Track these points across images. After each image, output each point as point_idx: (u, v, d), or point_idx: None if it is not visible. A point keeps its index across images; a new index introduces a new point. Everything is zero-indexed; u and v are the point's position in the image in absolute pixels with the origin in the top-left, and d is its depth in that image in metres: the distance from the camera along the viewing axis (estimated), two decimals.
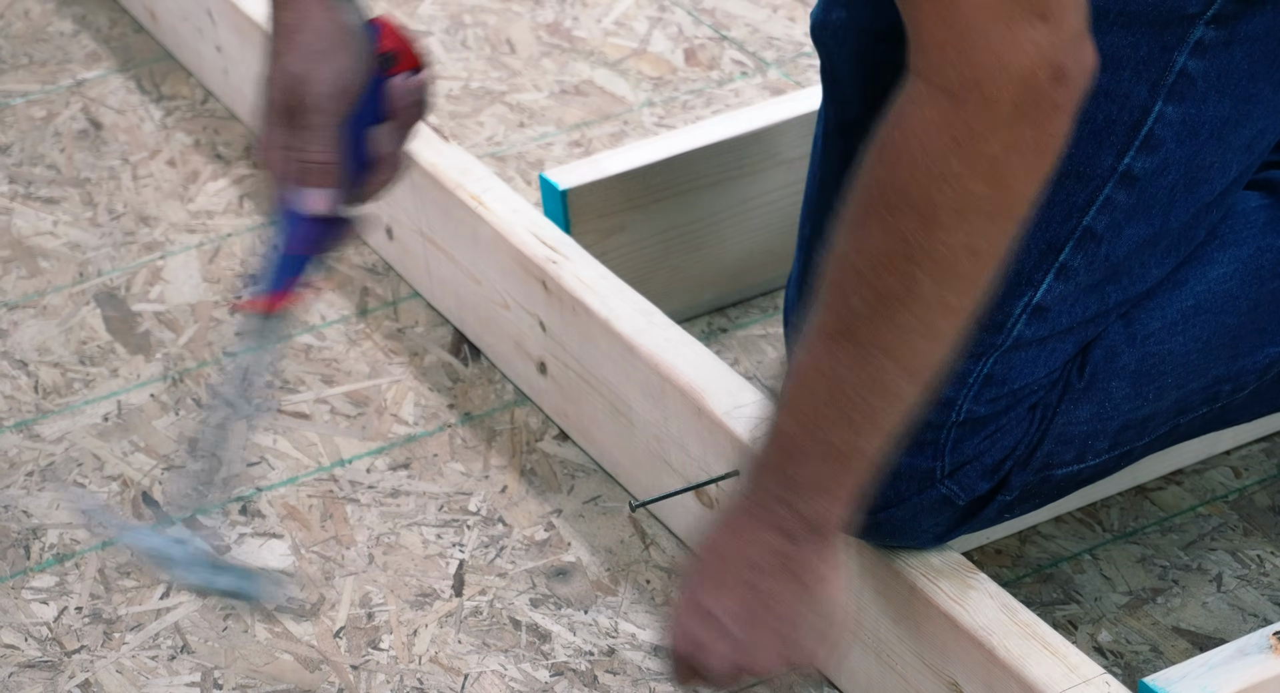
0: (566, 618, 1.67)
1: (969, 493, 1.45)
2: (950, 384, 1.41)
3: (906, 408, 1.29)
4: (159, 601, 1.71)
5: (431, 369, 1.95)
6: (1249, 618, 1.61)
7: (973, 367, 1.42)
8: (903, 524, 1.45)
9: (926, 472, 1.44)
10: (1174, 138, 1.41)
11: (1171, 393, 1.48)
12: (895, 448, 1.40)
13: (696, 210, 1.94)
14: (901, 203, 1.23)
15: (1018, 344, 1.43)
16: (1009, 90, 1.18)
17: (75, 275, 2.12)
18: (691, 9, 2.50)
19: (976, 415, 1.43)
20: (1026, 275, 1.42)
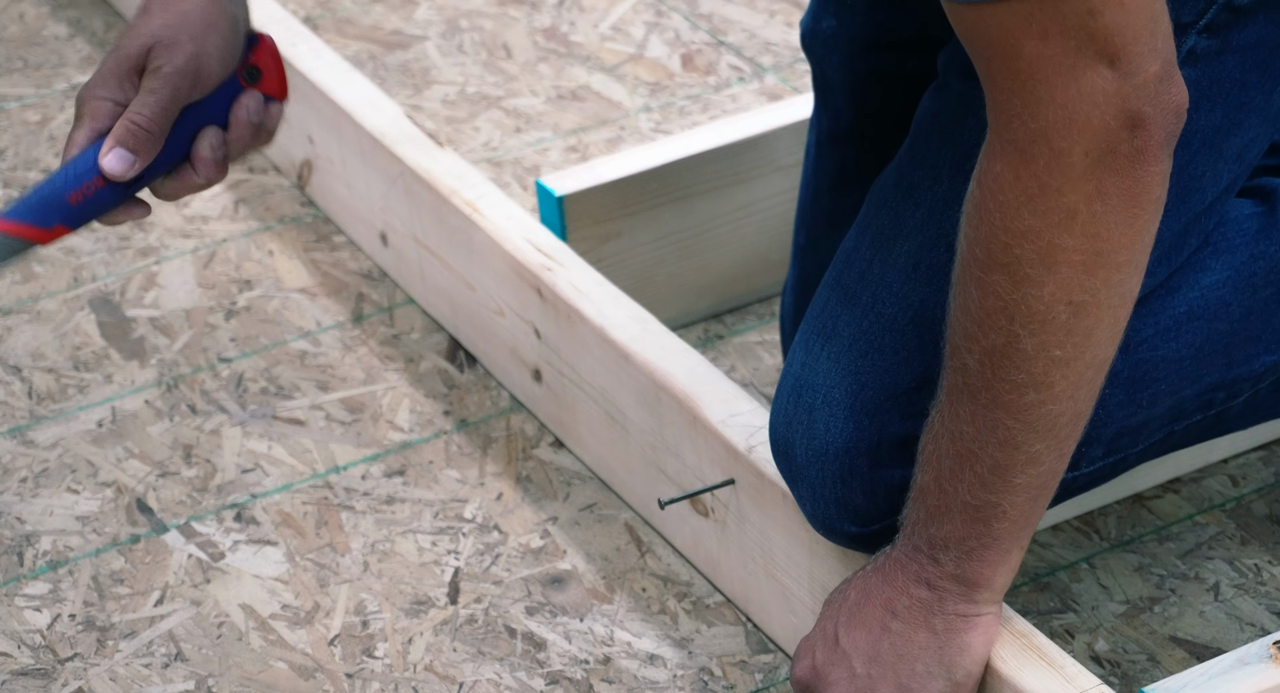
0: (562, 626, 1.66)
1: None
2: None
3: (1043, 466, 1.29)
4: (153, 608, 1.70)
5: (427, 376, 1.95)
6: (1246, 627, 1.60)
7: None
8: (890, 536, 1.44)
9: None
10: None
11: (1165, 400, 1.48)
12: (888, 462, 1.40)
13: (693, 216, 1.93)
14: (989, 260, 1.24)
15: None
16: (1080, 142, 1.18)
17: (70, 280, 2.12)
18: (689, 14, 2.50)
19: None
20: None
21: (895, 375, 1.41)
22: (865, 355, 1.42)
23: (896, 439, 1.41)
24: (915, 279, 1.42)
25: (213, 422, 1.91)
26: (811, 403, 1.43)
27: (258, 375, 1.96)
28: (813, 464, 1.43)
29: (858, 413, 1.41)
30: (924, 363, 1.40)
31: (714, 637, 1.64)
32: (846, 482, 1.42)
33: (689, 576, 1.70)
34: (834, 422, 1.42)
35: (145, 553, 1.76)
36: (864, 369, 1.42)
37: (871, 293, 1.44)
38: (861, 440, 1.41)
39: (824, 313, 1.47)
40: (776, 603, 1.60)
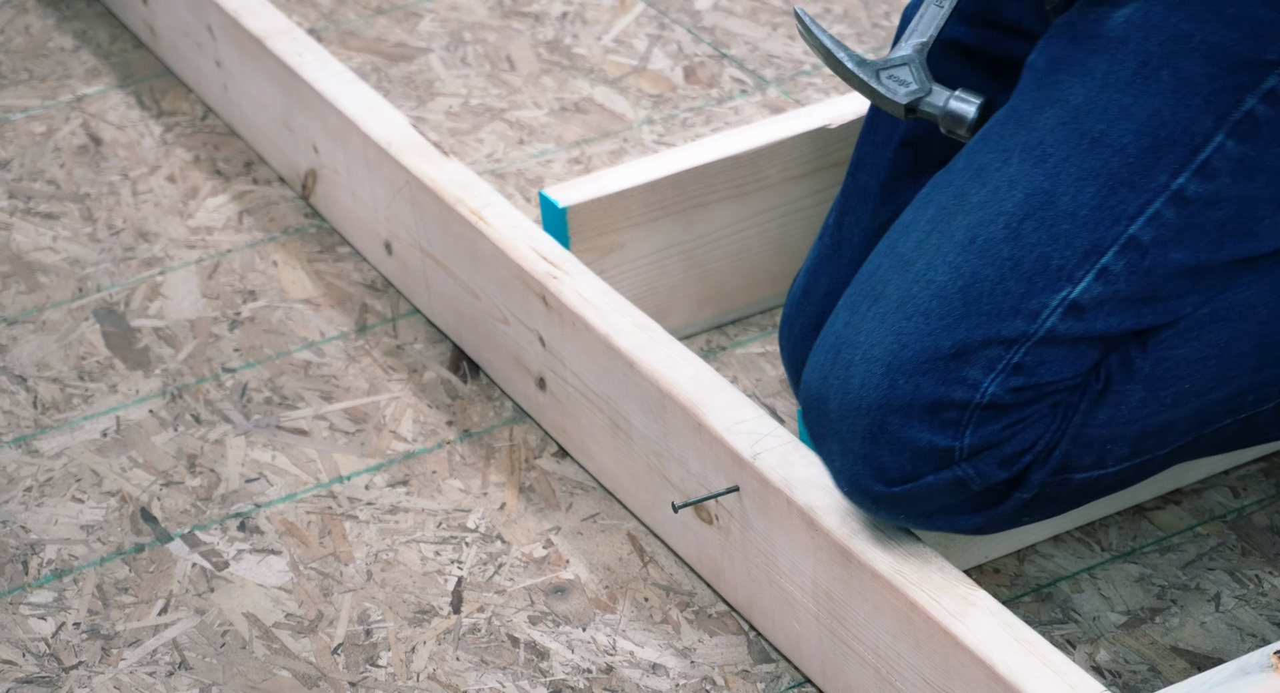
0: (565, 635, 1.66)
1: (984, 479, 1.46)
2: (979, 367, 1.43)
3: None
4: (157, 616, 1.71)
5: (430, 386, 1.95)
6: (1247, 638, 1.61)
7: (1003, 353, 1.44)
8: (915, 501, 1.46)
9: (945, 451, 1.45)
10: (1230, 172, 1.44)
11: (1191, 401, 1.49)
12: (918, 424, 1.41)
13: (695, 228, 1.94)
14: None
15: (1050, 338, 1.45)
16: None
17: (74, 291, 2.12)
18: (691, 27, 2.51)
19: (1001, 402, 1.45)
20: (1068, 272, 1.45)
21: (937, 340, 1.43)
22: (910, 318, 1.44)
23: (930, 402, 1.43)
24: (969, 251, 1.45)
25: (217, 431, 1.91)
26: (850, 359, 1.45)
27: (262, 385, 1.97)
28: (844, 418, 1.45)
29: (894, 371, 1.43)
30: (966, 331, 1.43)
31: (716, 646, 1.64)
32: (875, 438, 1.44)
33: (691, 585, 1.70)
34: (870, 378, 1.44)
35: (150, 562, 1.77)
36: (907, 331, 1.44)
37: (925, 260, 1.46)
38: (895, 398, 1.43)
39: (873, 277, 1.50)
40: (780, 610, 1.60)
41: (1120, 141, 1.45)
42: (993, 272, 1.43)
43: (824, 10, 2.51)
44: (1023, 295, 1.44)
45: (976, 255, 1.45)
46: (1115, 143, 1.45)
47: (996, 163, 1.48)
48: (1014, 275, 1.44)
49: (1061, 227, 1.45)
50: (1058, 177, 1.46)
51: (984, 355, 1.43)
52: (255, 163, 2.32)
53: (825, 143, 1.95)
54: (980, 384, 1.44)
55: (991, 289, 1.43)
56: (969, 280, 1.45)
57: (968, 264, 1.45)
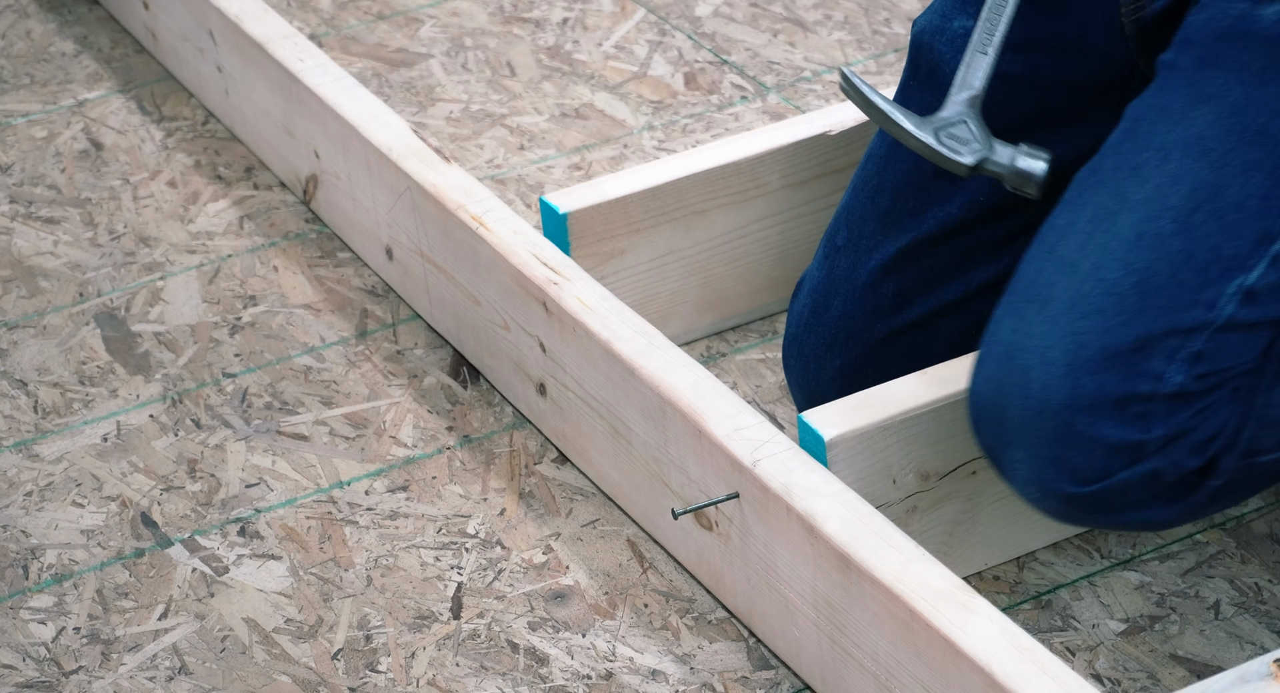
0: (564, 641, 1.67)
1: (1177, 469, 1.47)
2: (1160, 358, 1.44)
3: None
4: (157, 621, 1.71)
5: (430, 391, 1.96)
6: (1246, 646, 1.61)
7: (1184, 343, 1.45)
8: (1109, 499, 1.46)
9: (1136, 445, 1.45)
10: None
11: None
12: (1106, 420, 1.41)
13: (696, 235, 1.94)
14: None
15: (1229, 325, 1.46)
16: None
17: (75, 295, 2.13)
18: (692, 33, 2.51)
19: (1187, 390, 1.45)
20: (1240, 260, 1.46)
21: (1116, 335, 1.44)
22: (1085, 317, 1.45)
23: (1116, 398, 1.43)
24: (1140, 247, 1.46)
25: (217, 436, 1.91)
26: (1026, 364, 1.45)
27: (262, 391, 1.97)
28: (1028, 424, 1.45)
29: (1076, 371, 1.44)
30: (1145, 325, 1.44)
31: (716, 653, 1.65)
32: (1064, 440, 1.44)
33: (691, 591, 1.71)
34: (1051, 379, 1.44)
35: (149, 567, 1.77)
36: (1083, 330, 1.45)
37: (1092, 260, 1.47)
38: (1080, 397, 1.44)
39: (1036, 282, 1.50)
40: (779, 617, 1.60)
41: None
42: (1166, 265, 1.44)
43: (825, 17, 2.51)
44: (1198, 286, 1.45)
45: (1147, 250, 1.46)
46: (1278, 134, 1.47)
47: (1155, 160, 1.49)
48: (1187, 267, 1.45)
49: (1231, 217, 1.46)
50: (1222, 169, 1.47)
51: (1165, 346, 1.44)
52: (256, 168, 2.33)
53: (826, 149, 1.95)
54: (1164, 375, 1.44)
55: (1166, 282, 1.44)
56: (1142, 275, 1.45)
57: (1139, 260, 1.46)
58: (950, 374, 1.63)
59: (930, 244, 1.71)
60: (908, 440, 1.61)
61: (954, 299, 1.72)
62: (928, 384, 1.62)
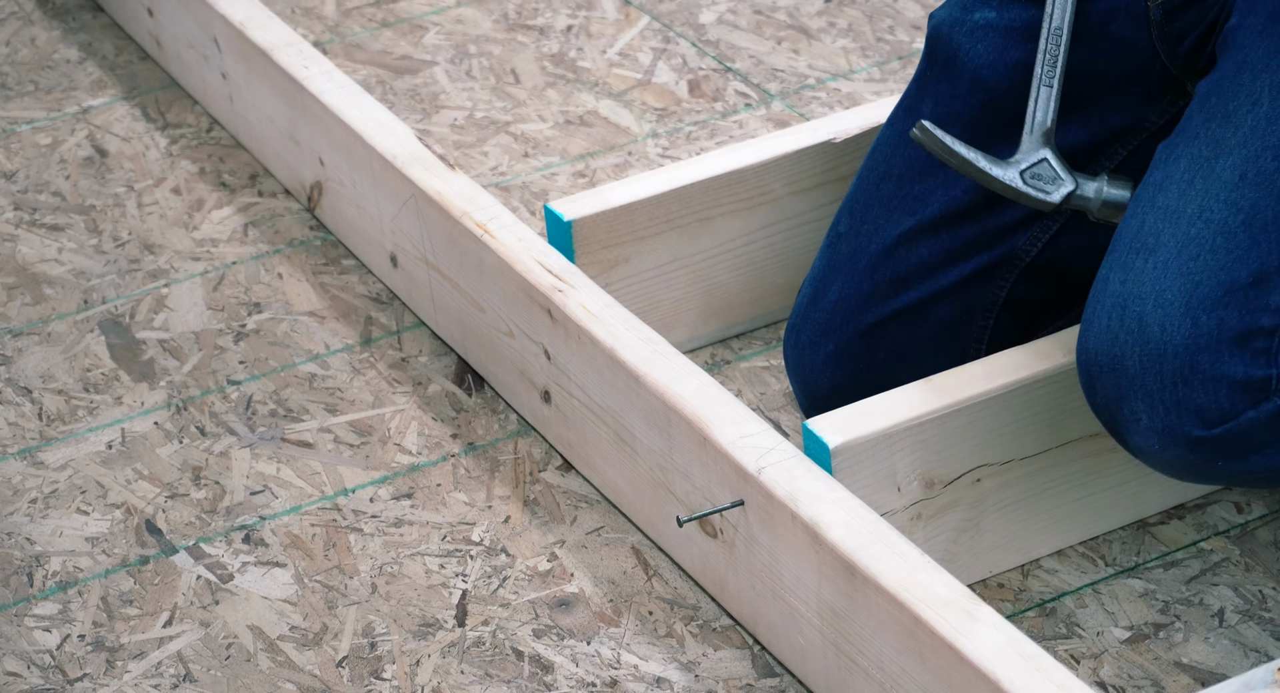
0: (569, 649, 1.67)
1: None
2: (1279, 291, 1.43)
3: None
4: (162, 629, 1.71)
5: (435, 399, 1.96)
6: (1250, 653, 1.61)
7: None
8: (1235, 440, 1.45)
9: (1261, 381, 1.44)
10: None
11: None
12: (1229, 358, 1.40)
13: (700, 242, 1.94)
14: None
15: None
16: None
17: (80, 302, 2.13)
18: (696, 41, 2.51)
19: None
20: None
21: (1231, 272, 1.43)
22: (1196, 258, 1.44)
23: (1237, 333, 1.42)
24: (1243, 186, 1.46)
25: (222, 444, 1.92)
26: (1141, 311, 1.44)
27: (266, 398, 1.97)
28: (1149, 370, 1.44)
29: (1194, 309, 1.43)
30: (1259, 259, 1.43)
31: (720, 660, 1.65)
32: (1188, 381, 1.43)
33: (696, 599, 1.71)
34: (1170, 321, 1.43)
35: (154, 574, 1.77)
36: (1196, 269, 1.44)
37: (1196, 205, 1.46)
38: (1201, 336, 1.42)
39: (1140, 234, 1.49)
40: (784, 624, 1.60)
41: None
42: (1272, 201, 1.44)
43: (828, 24, 2.51)
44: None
45: (1252, 188, 1.45)
46: None
47: (1246, 106, 1.49)
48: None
49: None
50: None
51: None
52: (261, 175, 2.33)
53: (830, 157, 1.96)
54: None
55: (1275, 216, 1.43)
56: (1250, 212, 1.44)
57: (1244, 198, 1.45)
58: (954, 382, 1.64)
59: (932, 229, 1.71)
60: (912, 448, 1.61)
61: (948, 284, 1.72)
62: (932, 392, 1.63)
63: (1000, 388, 1.63)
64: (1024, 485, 1.67)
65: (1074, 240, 1.72)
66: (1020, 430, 1.65)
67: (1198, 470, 1.48)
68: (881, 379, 1.73)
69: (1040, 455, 1.66)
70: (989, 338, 1.76)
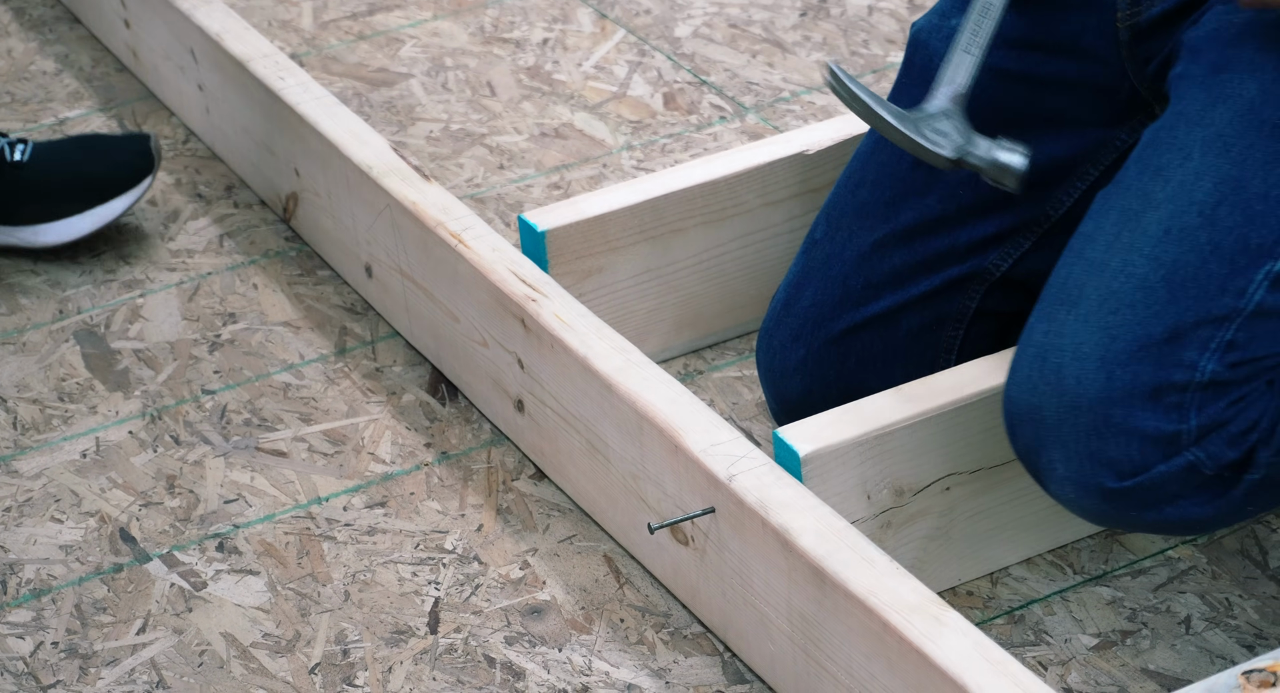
0: (541, 656, 1.67)
1: (1215, 461, 1.47)
2: (1193, 347, 1.45)
3: None
4: (135, 636, 1.71)
5: (409, 408, 1.96)
6: (1217, 660, 1.62)
7: (1216, 332, 1.46)
8: (1148, 493, 1.46)
9: (1173, 435, 1.46)
10: None
11: None
12: (1142, 412, 1.41)
13: (674, 253, 1.95)
14: None
15: (1260, 312, 1.46)
16: None
17: (55, 313, 2.13)
18: (671, 54, 2.52)
19: (1221, 379, 1.46)
20: (1268, 248, 1.47)
21: (1147, 327, 1.45)
22: (1115, 312, 1.46)
23: (1150, 388, 1.44)
24: (1167, 241, 1.48)
25: (196, 453, 1.92)
26: (1059, 362, 1.46)
27: (241, 407, 1.97)
28: (1065, 421, 1.45)
29: (1110, 363, 1.44)
30: (1177, 315, 1.44)
31: (691, 667, 1.65)
32: (1101, 433, 1.45)
33: (667, 606, 1.71)
34: (1085, 374, 1.45)
35: (128, 582, 1.77)
36: (1114, 324, 1.45)
37: (1121, 259, 1.48)
38: (1115, 389, 1.44)
39: (1065, 285, 1.51)
40: (754, 631, 1.61)
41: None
42: (1194, 257, 1.46)
43: (803, 38, 2.53)
44: (1227, 275, 1.46)
45: (1174, 244, 1.47)
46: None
47: (1177, 160, 1.51)
48: (1215, 258, 1.46)
49: (1256, 208, 1.47)
50: (1244, 163, 1.48)
51: (1197, 336, 1.45)
52: (236, 186, 2.34)
53: (803, 169, 1.97)
54: (1198, 364, 1.45)
55: (1195, 273, 1.45)
56: (1170, 268, 1.46)
57: (1167, 254, 1.47)
58: (924, 390, 1.65)
59: (905, 238, 1.72)
60: (882, 456, 1.62)
61: (920, 294, 1.73)
62: (902, 401, 1.64)
63: (970, 397, 1.64)
64: (993, 494, 1.68)
65: (1045, 257, 1.73)
66: (990, 439, 1.66)
67: (1113, 519, 1.51)
68: (851, 386, 1.75)
69: (1009, 464, 1.67)
70: (959, 348, 1.77)
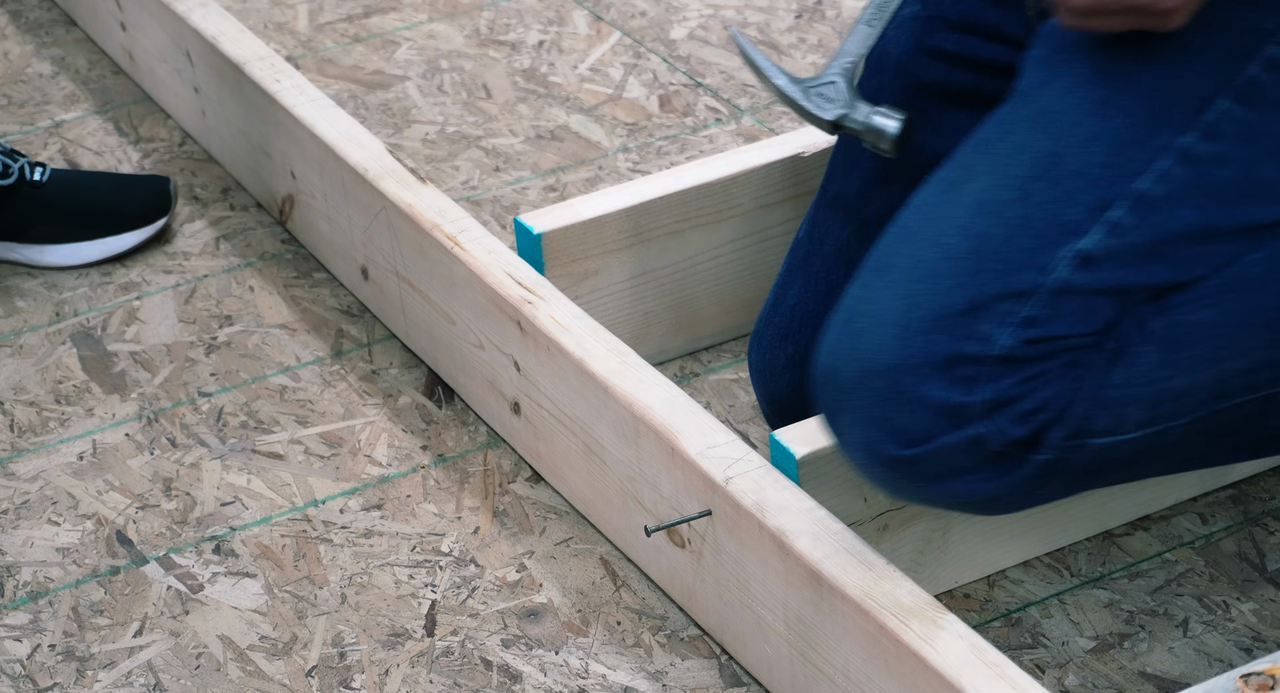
0: (537, 659, 1.67)
1: (1002, 437, 1.45)
2: (991, 320, 1.44)
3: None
4: (132, 639, 1.71)
5: (405, 411, 1.96)
6: (1214, 663, 1.62)
7: (1016, 307, 1.45)
8: (931, 463, 1.45)
9: (961, 407, 1.44)
10: (1235, 134, 1.47)
11: (1207, 367, 1.48)
12: (933, 381, 1.42)
13: (670, 255, 1.95)
14: None
15: (1062, 289, 1.45)
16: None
17: (51, 315, 2.13)
18: (667, 56, 2.52)
19: (1015, 355, 1.44)
20: (1076, 225, 1.46)
21: (949, 297, 1.44)
22: (921, 280, 1.45)
23: (944, 358, 1.43)
24: (979, 214, 1.47)
25: (192, 455, 1.92)
26: (862, 327, 1.46)
27: (237, 410, 1.97)
28: (859, 385, 1.45)
29: (906, 331, 1.44)
30: (979, 287, 1.44)
31: (688, 670, 1.65)
32: (891, 399, 1.44)
33: (664, 609, 1.71)
34: (883, 340, 1.44)
35: (125, 584, 1.77)
36: (917, 292, 1.45)
37: (934, 228, 1.48)
38: (909, 357, 1.43)
39: (881, 251, 1.51)
40: (751, 634, 1.61)
41: (1125, 104, 1.48)
42: (1003, 230, 1.45)
43: (799, 40, 2.53)
44: (1033, 250, 1.45)
45: (986, 217, 1.47)
46: (1120, 105, 1.48)
47: (1000, 134, 1.51)
48: (1024, 232, 1.46)
49: (1070, 185, 1.47)
50: (1064, 140, 1.48)
51: (996, 309, 1.44)
52: (233, 189, 2.34)
53: (798, 171, 1.97)
54: (994, 337, 1.44)
55: (1002, 246, 1.45)
56: (979, 240, 1.46)
57: (977, 226, 1.47)
58: None
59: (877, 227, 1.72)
60: None
61: None
62: None
63: None
64: None
65: None
66: None
67: (903, 490, 1.49)
68: None
69: None
70: None
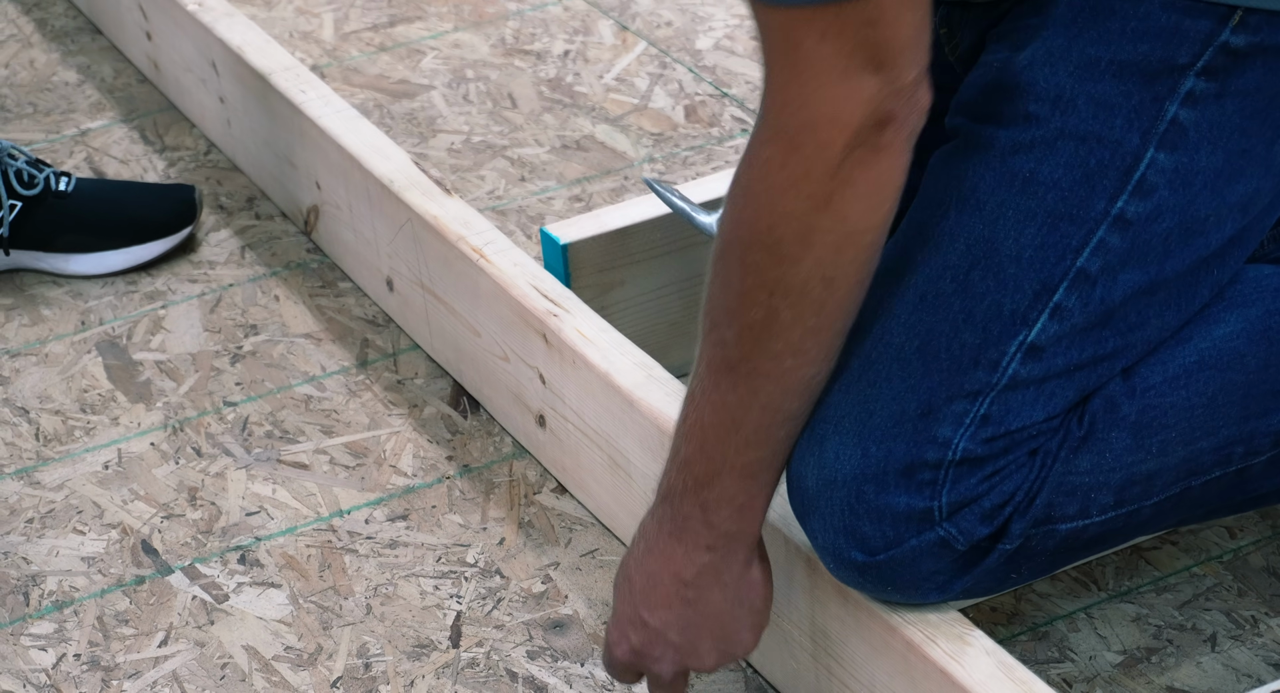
0: (563, 670, 1.67)
1: (967, 537, 1.45)
2: (947, 423, 1.43)
3: (796, 419, 1.42)
4: (157, 649, 1.71)
5: (430, 421, 1.96)
6: (1243, 678, 1.61)
7: (969, 407, 1.43)
8: (901, 569, 1.45)
9: (924, 512, 1.44)
10: (1167, 184, 1.44)
11: (1177, 449, 1.49)
12: (894, 489, 1.41)
13: (696, 266, 1.95)
14: (752, 239, 1.34)
15: (1014, 384, 1.44)
16: (840, 136, 1.29)
17: (77, 324, 2.14)
18: (693, 66, 2.52)
19: (974, 456, 1.44)
20: (1021, 315, 1.44)
21: (901, 402, 1.43)
22: (873, 384, 1.44)
23: (903, 466, 1.42)
24: (922, 308, 1.45)
25: (218, 465, 1.92)
26: (823, 433, 1.45)
27: (263, 419, 1.98)
28: (823, 494, 1.44)
29: (865, 439, 1.43)
30: (930, 389, 1.42)
31: (712, 683, 1.65)
32: (854, 509, 1.43)
33: None
34: (843, 449, 1.44)
35: (150, 594, 1.77)
36: (871, 398, 1.44)
37: (881, 324, 1.46)
38: (869, 466, 1.43)
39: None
40: (776, 648, 1.61)
41: (1052, 177, 1.44)
42: (947, 326, 1.43)
43: None
44: (980, 346, 1.43)
45: (929, 312, 1.44)
46: (1047, 178, 1.45)
47: (935, 218, 1.48)
48: (968, 327, 1.44)
49: (1008, 271, 1.44)
50: (996, 222, 1.45)
51: (950, 411, 1.42)
52: (258, 198, 2.34)
53: None
54: (951, 441, 1.43)
55: (948, 344, 1.42)
56: (925, 338, 1.44)
57: (921, 322, 1.44)
58: None
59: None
60: None
61: None
62: None
63: None
64: None
65: None
66: None
67: (875, 592, 1.48)
68: None
69: None
70: None
